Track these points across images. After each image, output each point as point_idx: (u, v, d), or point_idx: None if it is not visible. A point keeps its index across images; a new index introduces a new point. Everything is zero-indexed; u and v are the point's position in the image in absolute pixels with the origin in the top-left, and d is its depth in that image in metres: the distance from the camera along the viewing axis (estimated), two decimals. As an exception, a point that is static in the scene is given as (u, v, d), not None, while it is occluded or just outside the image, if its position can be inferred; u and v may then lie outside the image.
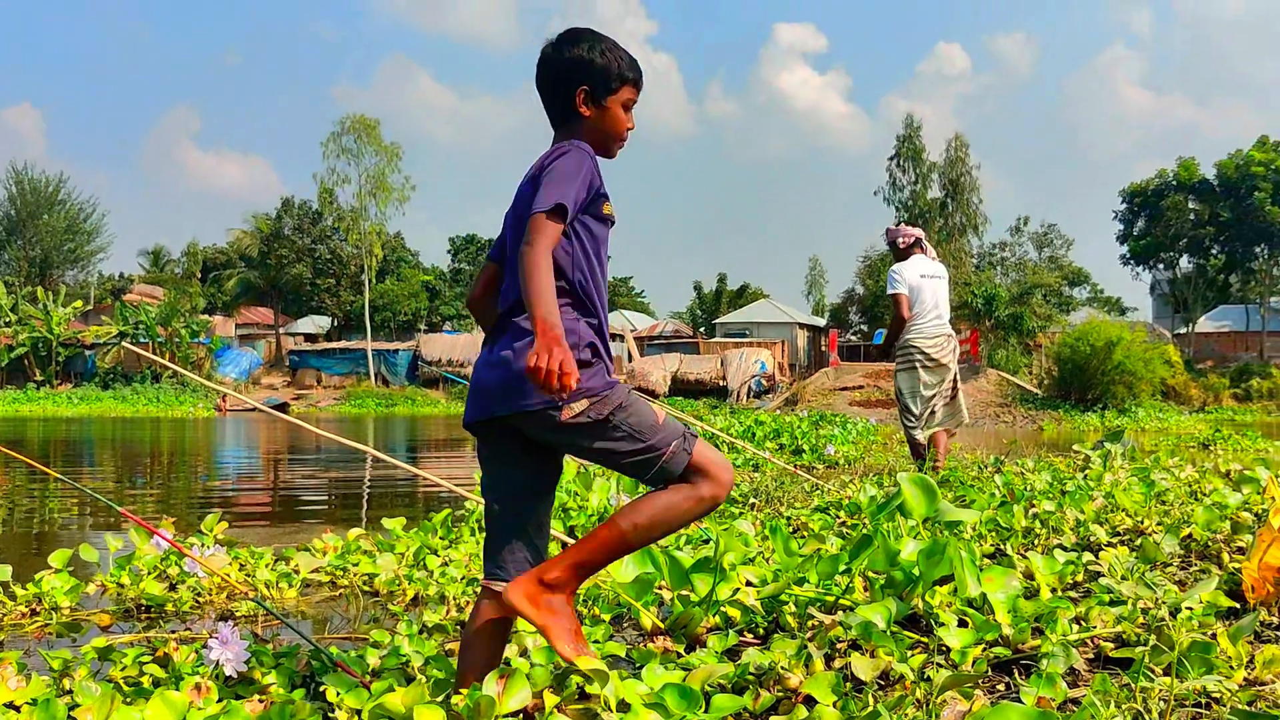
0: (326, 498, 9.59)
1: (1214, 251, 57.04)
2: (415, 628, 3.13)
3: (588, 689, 2.25)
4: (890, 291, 7.37)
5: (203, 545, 4.21)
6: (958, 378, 7.46)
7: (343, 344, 54.03)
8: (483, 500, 2.43)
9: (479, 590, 2.43)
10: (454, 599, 3.87)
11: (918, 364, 7.28)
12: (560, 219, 2.16)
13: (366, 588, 4.33)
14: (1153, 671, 1.82)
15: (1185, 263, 58.82)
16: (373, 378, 49.59)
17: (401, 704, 2.14)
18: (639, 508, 2.20)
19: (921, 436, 7.33)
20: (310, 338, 60.48)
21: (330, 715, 2.29)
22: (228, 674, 2.46)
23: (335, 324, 60.85)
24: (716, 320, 65.81)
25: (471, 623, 2.35)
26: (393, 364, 50.35)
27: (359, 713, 2.24)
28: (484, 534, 2.49)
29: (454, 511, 5.35)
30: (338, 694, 2.33)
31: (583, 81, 2.37)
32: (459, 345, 49.91)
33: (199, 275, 67.90)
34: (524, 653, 2.71)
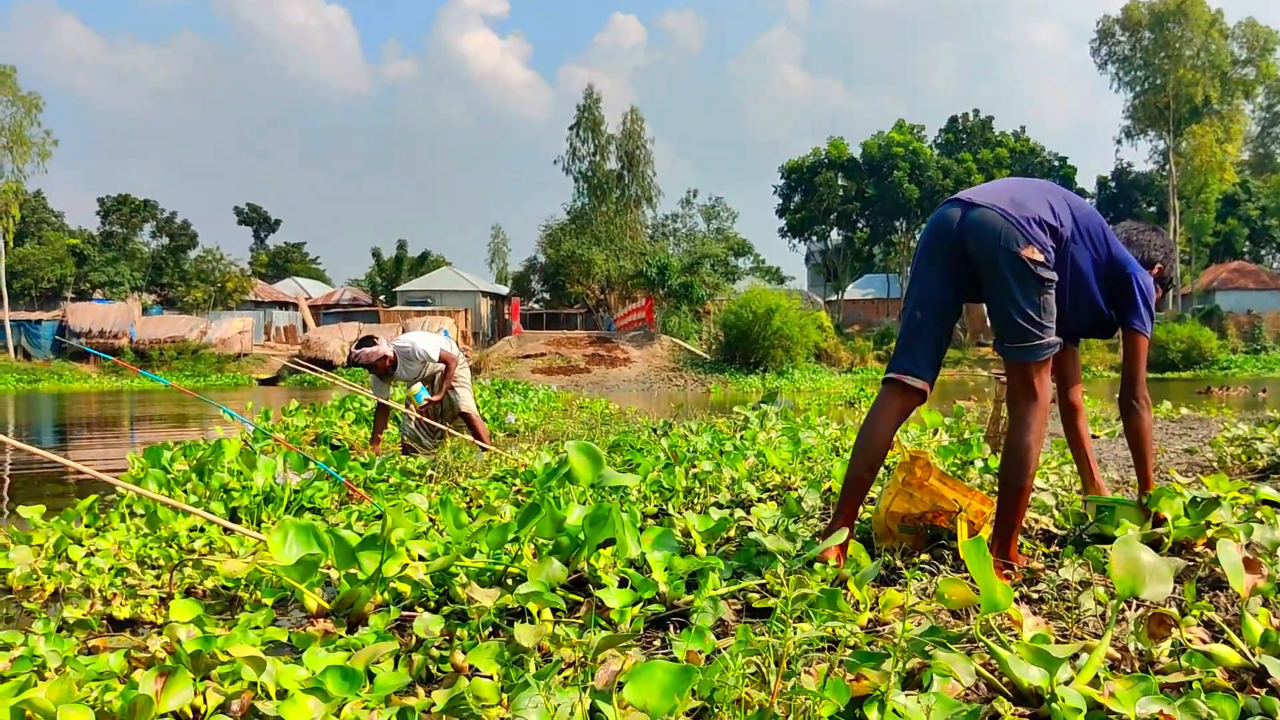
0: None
1: (860, 225, 62.53)
2: (53, 625, 2.86)
3: (244, 676, 2.15)
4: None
5: None
6: None
7: (-26, 314, 47.95)
8: (904, 309, 3.14)
9: (885, 384, 3.13)
10: (100, 591, 3.56)
11: None
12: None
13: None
14: (784, 620, 1.97)
15: (835, 235, 64.09)
16: (12, 351, 44.53)
17: (50, 701, 1.95)
18: (1010, 451, 2.91)
19: None
20: (-65, 307, 53.23)
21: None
22: None
23: (-35, 292, 54.00)
24: (397, 288, 64.51)
25: (881, 406, 3.09)
26: (35, 335, 45.33)
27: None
28: (895, 340, 3.19)
29: (102, 497, 4.89)
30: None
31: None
32: (111, 315, 45.77)
33: None
34: (179, 641, 2.53)
